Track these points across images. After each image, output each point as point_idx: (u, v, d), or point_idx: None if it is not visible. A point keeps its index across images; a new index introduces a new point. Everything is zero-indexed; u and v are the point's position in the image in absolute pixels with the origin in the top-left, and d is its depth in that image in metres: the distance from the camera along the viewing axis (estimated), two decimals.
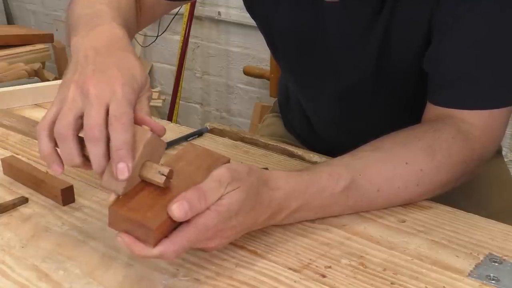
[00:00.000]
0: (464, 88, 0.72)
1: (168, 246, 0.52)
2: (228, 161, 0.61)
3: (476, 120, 0.71)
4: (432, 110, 0.75)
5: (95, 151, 0.54)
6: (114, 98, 0.55)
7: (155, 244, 0.51)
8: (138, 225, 0.51)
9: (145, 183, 0.55)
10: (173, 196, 0.53)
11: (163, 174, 0.54)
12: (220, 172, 0.55)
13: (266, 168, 0.75)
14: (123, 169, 0.52)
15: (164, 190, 0.54)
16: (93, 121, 0.54)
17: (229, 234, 0.57)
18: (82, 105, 0.55)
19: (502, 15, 0.69)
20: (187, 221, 0.53)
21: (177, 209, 0.51)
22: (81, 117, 0.55)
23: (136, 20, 0.82)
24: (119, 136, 0.53)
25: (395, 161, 0.67)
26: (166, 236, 0.52)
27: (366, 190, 0.66)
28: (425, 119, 0.76)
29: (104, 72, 0.57)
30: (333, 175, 0.64)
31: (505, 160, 1.04)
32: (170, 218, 0.52)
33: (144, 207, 0.52)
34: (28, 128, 0.73)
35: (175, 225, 0.53)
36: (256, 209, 0.58)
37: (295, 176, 0.63)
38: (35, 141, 0.89)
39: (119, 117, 0.54)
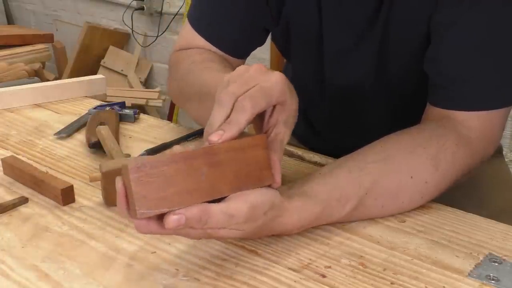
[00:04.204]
0: (464, 89, 0.72)
1: (142, 226, 0.51)
2: (270, 185, 0.59)
3: (475, 122, 0.71)
4: (431, 110, 0.75)
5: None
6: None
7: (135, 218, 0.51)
8: (132, 197, 0.50)
9: (180, 158, 0.52)
10: (190, 189, 0.51)
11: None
12: (239, 208, 0.54)
13: None
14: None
15: (189, 178, 0.52)
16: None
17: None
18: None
19: (501, 16, 0.69)
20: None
21: (172, 222, 0.50)
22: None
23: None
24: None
25: (401, 175, 0.66)
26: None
27: (371, 207, 0.66)
28: (425, 120, 0.76)
29: None
30: (341, 201, 0.63)
31: (505, 160, 1.04)
32: (161, 213, 0.50)
33: (152, 185, 0.50)
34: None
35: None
36: (253, 234, 0.58)
37: (309, 210, 0.61)
38: (36, 141, 0.89)
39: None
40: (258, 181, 0.57)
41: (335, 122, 0.95)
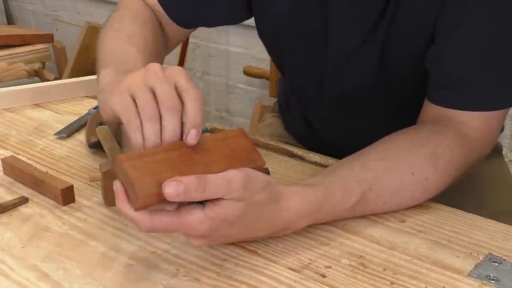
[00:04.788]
0: (468, 90, 0.72)
1: (145, 221, 0.52)
2: (261, 167, 0.58)
3: (476, 122, 0.71)
4: (430, 109, 0.75)
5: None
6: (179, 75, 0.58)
7: (138, 209, 0.51)
8: (130, 184, 0.51)
9: (170, 147, 0.54)
10: (184, 173, 0.52)
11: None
12: (235, 174, 0.54)
13: (266, 168, 0.75)
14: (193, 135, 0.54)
15: (182, 163, 0.53)
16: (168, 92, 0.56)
17: (218, 240, 0.57)
18: (152, 84, 0.57)
19: (505, 18, 0.69)
20: (177, 212, 0.52)
21: (171, 187, 0.50)
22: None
23: (163, 51, 0.86)
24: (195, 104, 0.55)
25: (401, 173, 0.67)
26: (153, 204, 0.52)
27: (373, 203, 0.66)
28: (423, 118, 0.76)
29: None
30: (345, 192, 0.64)
31: (505, 160, 1.04)
32: (161, 192, 0.51)
33: (147, 170, 0.51)
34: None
35: (165, 199, 0.52)
36: (256, 225, 0.58)
37: (311, 196, 0.62)
38: (36, 141, 0.89)
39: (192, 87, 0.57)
40: (249, 162, 0.57)
41: (334, 122, 0.95)
